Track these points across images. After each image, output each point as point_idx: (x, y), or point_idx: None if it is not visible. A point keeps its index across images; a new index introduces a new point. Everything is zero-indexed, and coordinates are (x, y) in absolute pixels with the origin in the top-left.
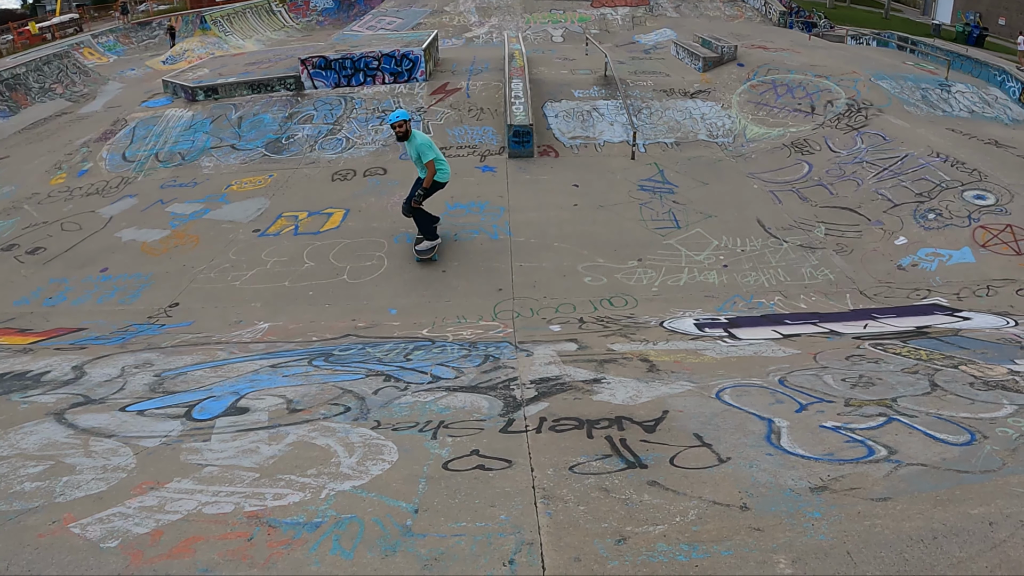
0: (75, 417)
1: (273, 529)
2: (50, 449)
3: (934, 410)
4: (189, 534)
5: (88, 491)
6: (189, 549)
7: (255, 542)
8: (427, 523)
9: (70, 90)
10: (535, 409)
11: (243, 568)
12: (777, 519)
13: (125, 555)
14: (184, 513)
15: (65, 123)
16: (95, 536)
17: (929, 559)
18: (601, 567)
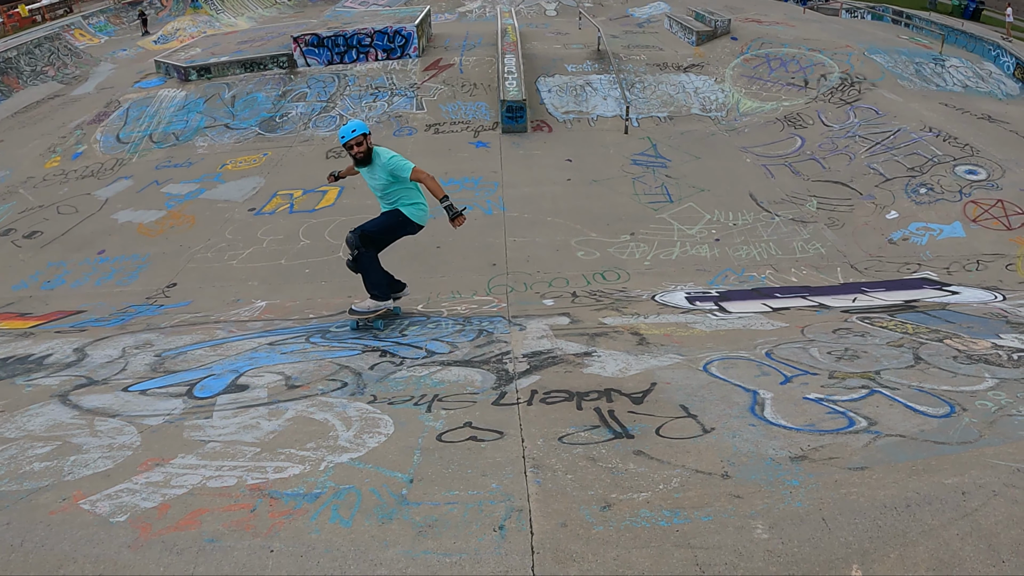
0: (79, 398)
1: (275, 500)
2: (56, 430)
3: (916, 383)
4: (195, 507)
5: (96, 469)
6: (195, 521)
7: (258, 513)
8: (421, 492)
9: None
10: (527, 382)
11: (247, 537)
12: (756, 487)
13: (134, 528)
14: (189, 487)
15: (58, 106)
16: (104, 511)
17: (902, 526)
18: (586, 532)
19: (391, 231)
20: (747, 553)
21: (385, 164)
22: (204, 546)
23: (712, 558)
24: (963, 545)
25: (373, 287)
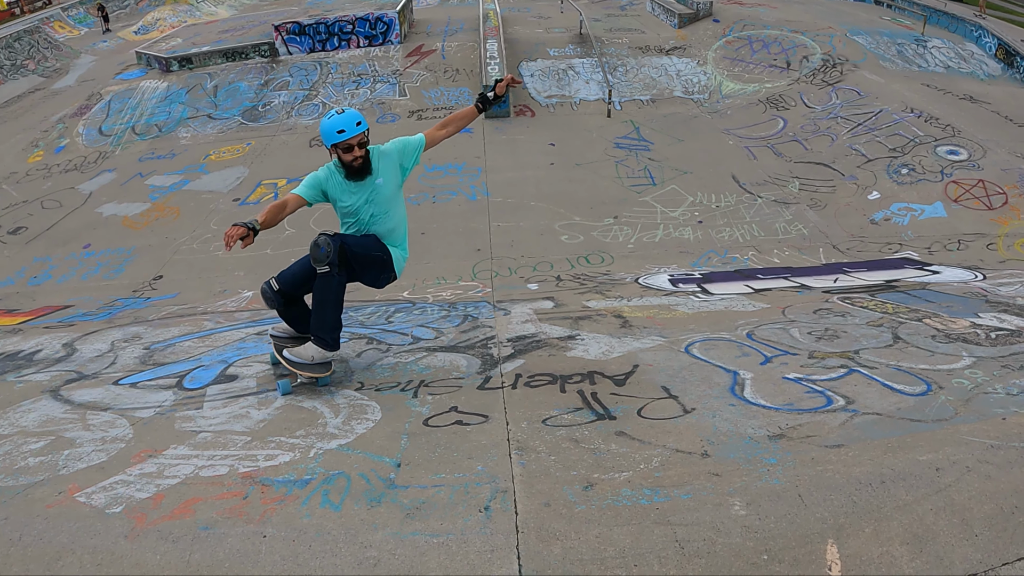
0: (71, 393)
1: (266, 487)
2: (49, 425)
3: (894, 362)
4: (188, 496)
5: (90, 462)
6: (189, 510)
7: (250, 500)
8: (409, 476)
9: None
10: (511, 366)
11: (240, 524)
12: (735, 465)
13: (130, 519)
14: (182, 477)
15: (39, 100)
16: (100, 503)
17: (876, 501)
18: (569, 511)
19: (371, 263)
20: (725, 529)
21: (395, 150)
22: (199, 534)
23: (691, 534)
24: (937, 520)
25: (325, 328)
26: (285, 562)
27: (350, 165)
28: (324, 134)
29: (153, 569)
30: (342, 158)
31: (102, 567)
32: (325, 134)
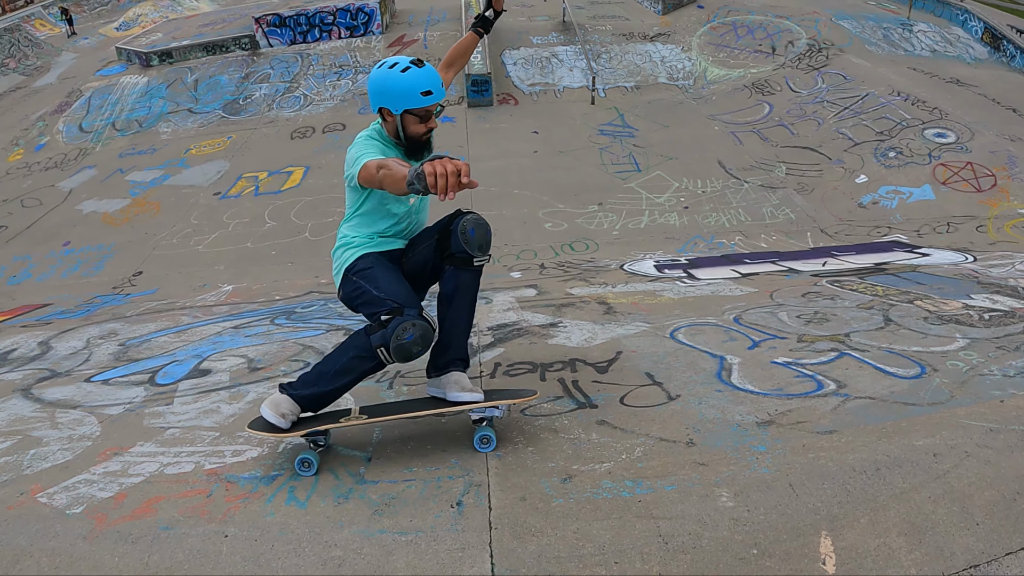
0: (42, 391)
1: (231, 484)
2: (17, 424)
3: (886, 344)
4: (151, 495)
5: (55, 461)
6: (151, 509)
7: (214, 498)
8: (379, 470)
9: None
10: (490, 355)
11: (202, 523)
12: (722, 454)
13: (90, 519)
14: (146, 475)
15: (20, 98)
16: (61, 504)
17: (872, 490)
18: (546, 505)
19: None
20: (711, 522)
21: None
22: (159, 534)
23: (675, 528)
24: (936, 508)
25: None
26: (246, 563)
27: (416, 140)
28: (397, 92)
29: (111, 571)
30: (410, 130)
31: (60, 570)
32: (400, 92)
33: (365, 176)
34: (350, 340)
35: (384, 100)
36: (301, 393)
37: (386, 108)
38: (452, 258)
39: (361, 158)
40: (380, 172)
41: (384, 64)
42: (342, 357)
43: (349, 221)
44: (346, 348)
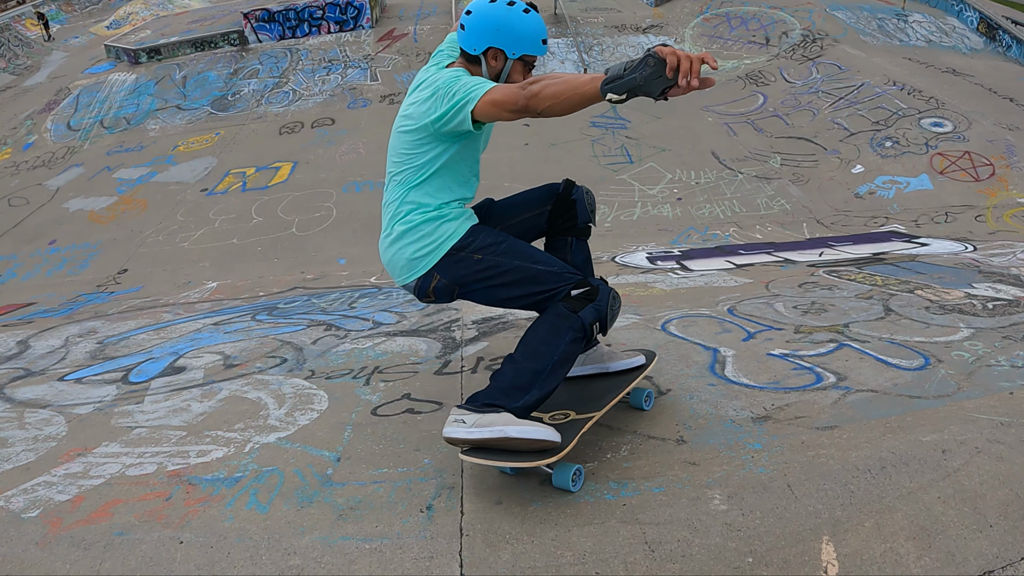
0: (13, 391)
1: (192, 487)
2: None
3: (887, 335)
4: (110, 498)
5: (17, 463)
6: (108, 513)
7: (173, 501)
8: (348, 471)
9: (13, 64)
10: (473, 349)
11: (158, 529)
12: (714, 452)
13: (45, 524)
14: (107, 477)
15: (10, 98)
16: (18, 507)
17: (876, 490)
18: (523, 509)
19: None
20: (702, 528)
21: None
22: (112, 540)
23: (662, 535)
24: (946, 510)
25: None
26: (199, 571)
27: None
28: (520, 33)
29: None
30: (514, 80)
31: None
32: (524, 34)
33: (498, 104)
34: (552, 326)
35: (500, 40)
36: (527, 402)
37: (499, 49)
38: (574, 229)
39: (480, 86)
40: (532, 89)
41: (499, 0)
42: (555, 347)
43: (418, 185)
44: (554, 336)
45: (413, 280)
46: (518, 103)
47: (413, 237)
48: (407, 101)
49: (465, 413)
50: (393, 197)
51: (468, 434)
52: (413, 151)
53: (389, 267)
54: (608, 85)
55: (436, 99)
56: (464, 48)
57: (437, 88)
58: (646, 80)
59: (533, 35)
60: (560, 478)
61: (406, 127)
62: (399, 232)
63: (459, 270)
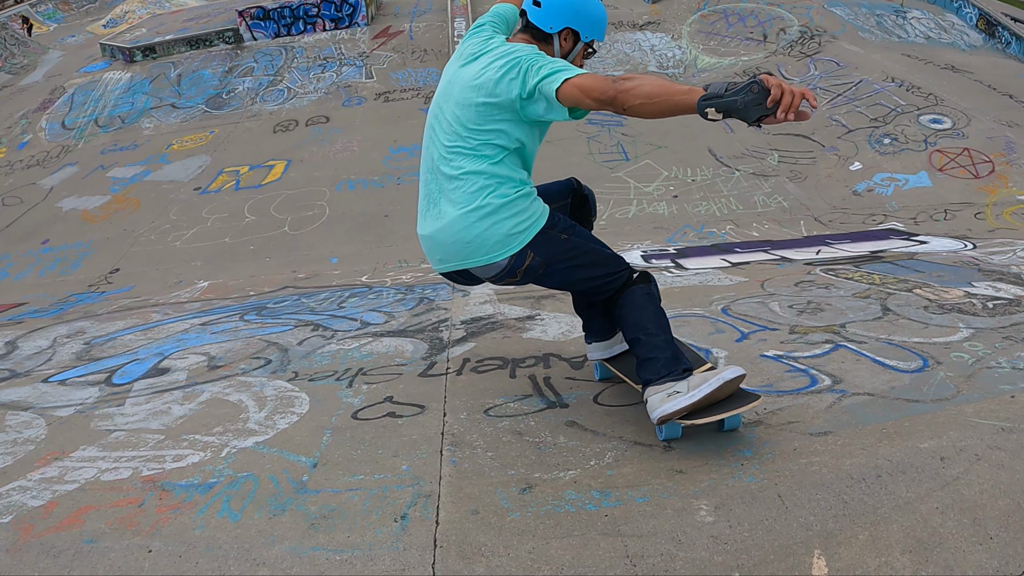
0: None
1: (166, 493)
2: None
3: (885, 335)
4: (82, 504)
5: None
6: (79, 519)
7: (145, 508)
8: (323, 478)
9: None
10: (460, 350)
11: (128, 536)
12: (703, 459)
13: (16, 530)
14: (81, 482)
15: (6, 96)
16: None
17: (872, 500)
18: (500, 520)
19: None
20: (687, 541)
21: None
22: (82, 548)
23: (645, 548)
24: (944, 521)
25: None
26: None
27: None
28: (595, 18)
29: None
30: (578, 65)
31: None
32: (598, 20)
33: (586, 89)
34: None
35: (577, 21)
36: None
37: (574, 30)
38: (587, 222)
39: (568, 67)
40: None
41: None
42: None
43: (501, 161)
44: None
45: (505, 258)
46: (607, 93)
47: (510, 212)
48: (473, 70)
49: (672, 383)
50: (472, 168)
51: (691, 399)
52: (488, 126)
53: (472, 244)
54: (707, 101)
55: (519, 72)
56: (538, 24)
57: (519, 60)
58: (746, 105)
59: (603, 22)
60: (734, 420)
61: (482, 100)
62: (496, 205)
63: (549, 249)
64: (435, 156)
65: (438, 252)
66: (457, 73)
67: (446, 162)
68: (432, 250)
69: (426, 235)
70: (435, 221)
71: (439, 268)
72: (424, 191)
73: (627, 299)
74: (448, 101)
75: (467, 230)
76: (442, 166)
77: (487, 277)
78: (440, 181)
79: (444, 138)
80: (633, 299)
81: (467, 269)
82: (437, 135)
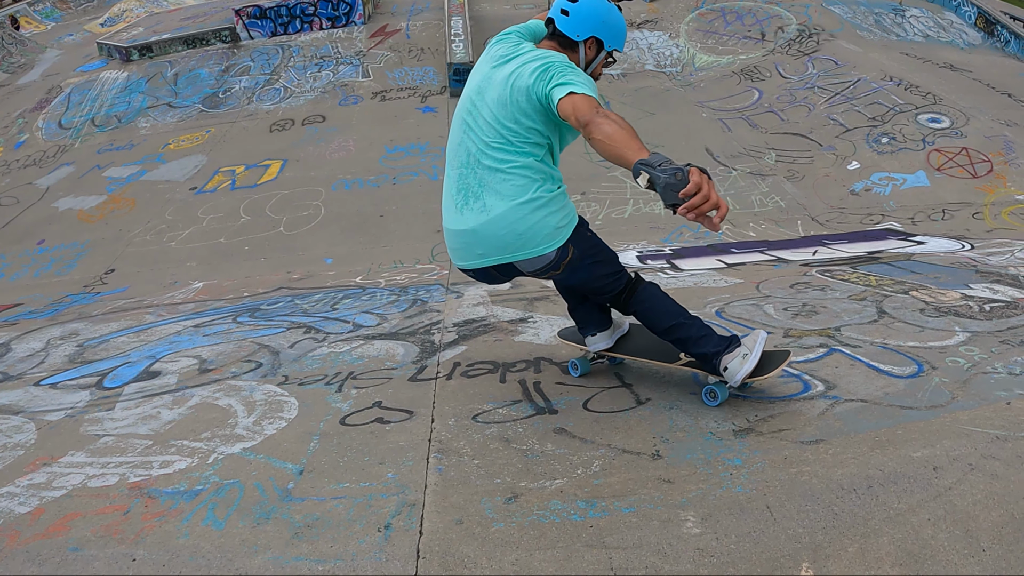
0: None
1: (152, 500)
2: None
3: (880, 339)
4: (69, 510)
5: None
6: (65, 527)
7: (130, 515)
8: (309, 485)
9: (7, 62)
10: (451, 354)
11: (112, 544)
12: (691, 468)
13: (3, 537)
14: (68, 488)
15: (3, 96)
16: None
17: (862, 512)
18: (484, 530)
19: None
20: (673, 553)
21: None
22: (67, 556)
23: (630, 560)
24: (936, 533)
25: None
26: None
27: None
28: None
29: None
30: (597, 71)
31: None
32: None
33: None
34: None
35: (603, 31)
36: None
37: (599, 39)
38: None
39: (576, 83)
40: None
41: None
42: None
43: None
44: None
45: (553, 250)
46: (585, 116)
47: (557, 206)
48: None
49: (737, 348)
50: (520, 162)
51: (756, 357)
52: (527, 122)
53: (525, 235)
54: (642, 166)
55: (550, 76)
56: (566, 32)
57: (550, 65)
58: (665, 186)
59: (625, 33)
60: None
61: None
62: (547, 199)
63: (583, 244)
64: (472, 151)
65: (480, 246)
66: (489, 74)
67: (489, 156)
68: (472, 245)
69: (465, 230)
70: (479, 215)
71: (476, 263)
72: (458, 185)
73: (647, 295)
74: (483, 99)
75: (521, 221)
76: (484, 159)
77: (531, 270)
78: (481, 174)
79: (484, 135)
80: (653, 293)
81: (510, 263)
82: (473, 131)
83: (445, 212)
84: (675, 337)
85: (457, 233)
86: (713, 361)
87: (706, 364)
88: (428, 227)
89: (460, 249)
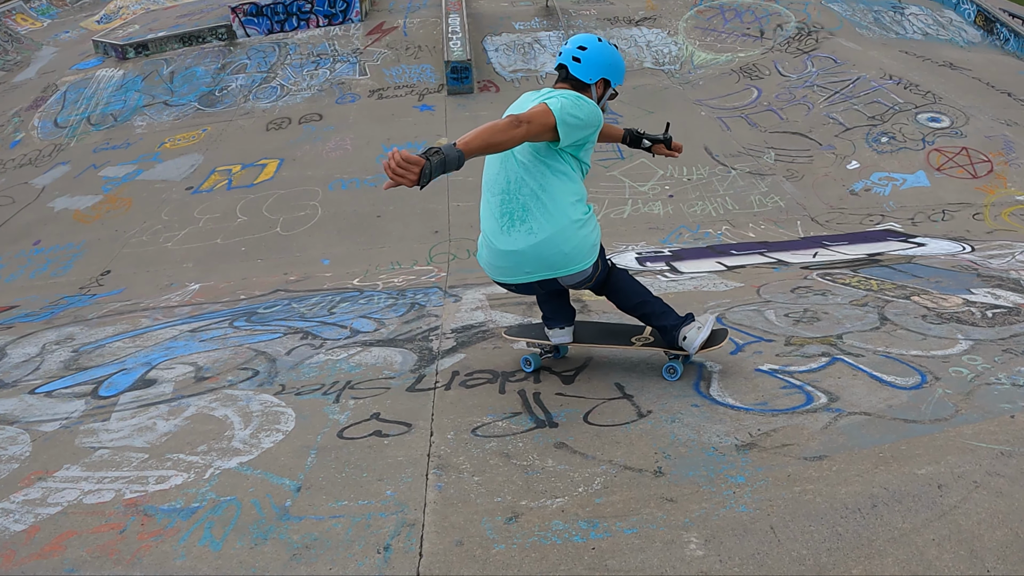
0: None
1: (148, 518)
2: None
3: (882, 348)
4: (64, 528)
5: None
6: (60, 546)
7: (126, 535)
8: (307, 503)
9: (2, 60)
10: (449, 362)
11: (108, 565)
12: (694, 486)
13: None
14: (64, 505)
15: None
16: None
17: (867, 532)
18: (484, 552)
19: None
20: None
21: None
22: None
23: None
24: (940, 553)
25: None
26: None
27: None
28: (621, 68)
29: None
30: (606, 103)
31: None
32: (623, 69)
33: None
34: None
35: (611, 72)
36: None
37: (608, 80)
38: None
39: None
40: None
41: (601, 40)
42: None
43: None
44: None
45: (591, 264)
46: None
47: (592, 225)
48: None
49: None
50: (562, 186)
51: (708, 328)
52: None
53: (570, 254)
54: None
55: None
56: (579, 77)
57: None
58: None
59: (624, 71)
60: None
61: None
62: (584, 220)
63: (602, 255)
64: (517, 176)
65: (528, 265)
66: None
67: (534, 179)
68: (520, 264)
69: (514, 251)
70: (527, 237)
71: (523, 279)
72: (501, 210)
73: (618, 278)
74: None
75: (567, 241)
76: (530, 182)
77: (571, 284)
78: (525, 199)
79: (526, 159)
80: (624, 277)
81: (555, 278)
82: (515, 156)
83: (489, 233)
84: (642, 312)
85: (505, 254)
86: (673, 332)
87: (666, 335)
88: (426, 228)
89: (508, 268)
